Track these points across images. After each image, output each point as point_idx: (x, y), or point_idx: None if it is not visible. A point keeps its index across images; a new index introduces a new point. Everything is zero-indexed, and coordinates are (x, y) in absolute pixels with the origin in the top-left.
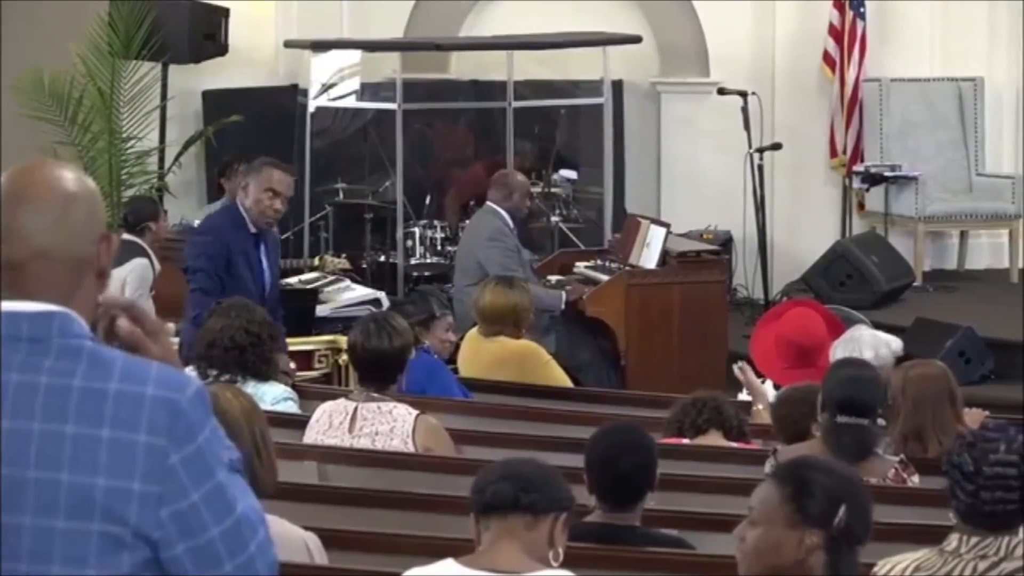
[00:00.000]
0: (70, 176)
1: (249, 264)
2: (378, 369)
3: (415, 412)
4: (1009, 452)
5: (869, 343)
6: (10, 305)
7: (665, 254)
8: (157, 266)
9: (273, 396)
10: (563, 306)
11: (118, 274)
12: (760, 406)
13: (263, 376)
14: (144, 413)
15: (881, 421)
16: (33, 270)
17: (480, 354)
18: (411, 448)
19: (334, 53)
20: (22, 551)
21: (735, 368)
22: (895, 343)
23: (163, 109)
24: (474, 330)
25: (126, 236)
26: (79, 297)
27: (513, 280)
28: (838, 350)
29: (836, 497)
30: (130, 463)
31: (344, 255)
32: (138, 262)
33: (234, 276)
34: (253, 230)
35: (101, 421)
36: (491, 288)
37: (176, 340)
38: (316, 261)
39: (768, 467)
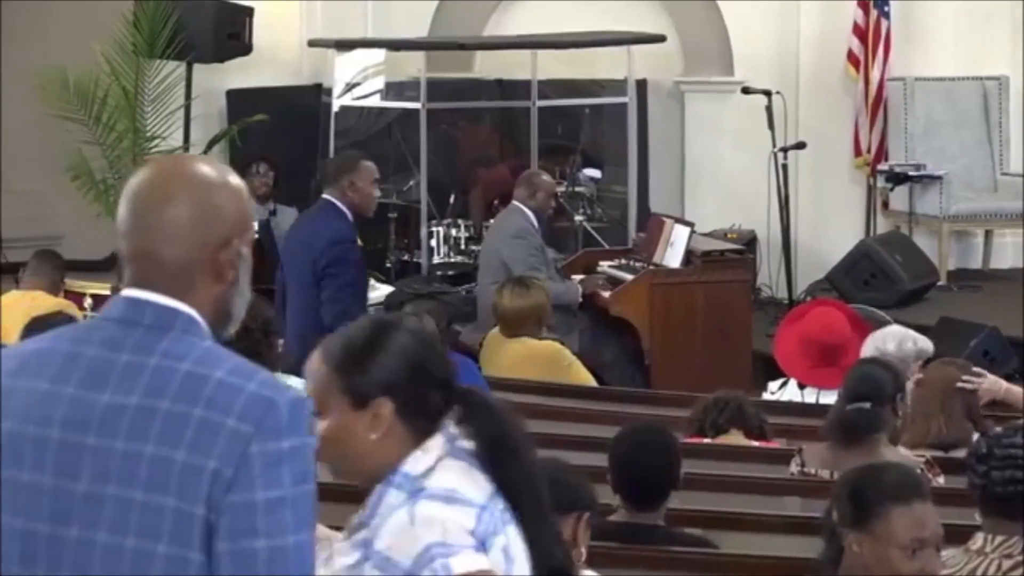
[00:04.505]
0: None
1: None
2: None
3: None
4: None
5: (895, 336)
6: (134, 292)
7: (689, 253)
8: None
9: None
10: (580, 298)
11: None
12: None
13: None
14: (240, 402)
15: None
16: (154, 263)
17: (503, 354)
18: None
19: (358, 52)
20: (103, 520)
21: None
22: (923, 341)
23: (187, 108)
24: (496, 330)
25: None
26: (197, 296)
27: (527, 280)
28: (869, 345)
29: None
30: (211, 442)
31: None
32: None
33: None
34: (353, 222)
35: (196, 401)
36: (508, 291)
37: None
38: None
39: (793, 467)
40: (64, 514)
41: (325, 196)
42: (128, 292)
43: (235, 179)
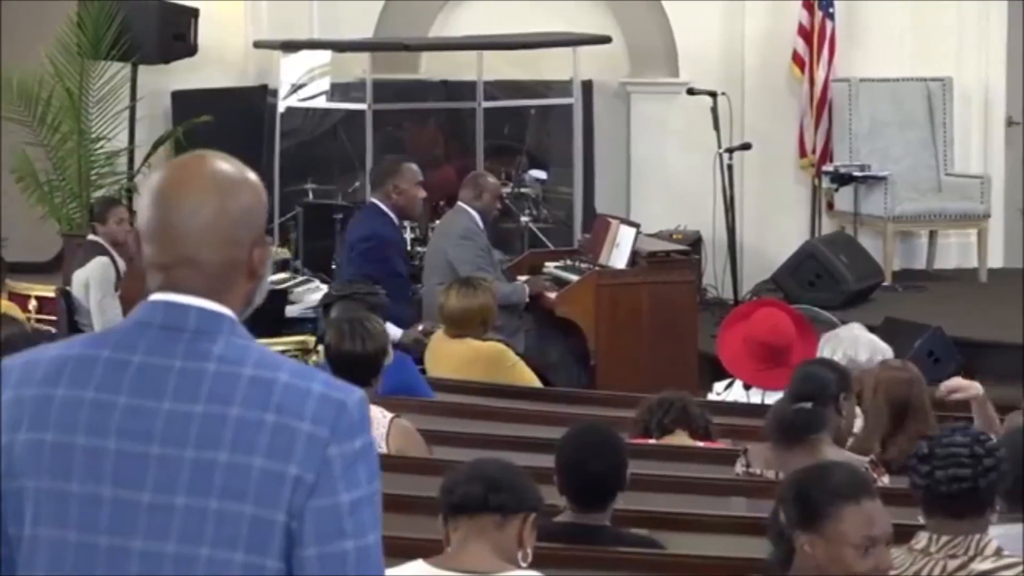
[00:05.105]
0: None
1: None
2: (351, 372)
3: (390, 415)
4: (963, 436)
5: (867, 346)
6: (171, 296)
7: (635, 254)
8: (121, 264)
9: None
10: (527, 298)
11: (81, 275)
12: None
13: None
14: (310, 405)
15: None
16: (193, 266)
17: (447, 355)
18: (384, 451)
19: (304, 53)
20: (172, 530)
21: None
22: (889, 352)
23: (132, 110)
24: (440, 331)
25: (90, 237)
26: (233, 296)
27: (475, 281)
28: (826, 348)
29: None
30: (289, 447)
31: (284, 246)
32: (98, 262)
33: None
34: (398, 223)
35: (267, 406)
36: (455, 292)
37: None
38: None
39: (739, 467)
40: (127, 525)
41: (371, 200)
42: (164, 296)
43: (252, 173)
